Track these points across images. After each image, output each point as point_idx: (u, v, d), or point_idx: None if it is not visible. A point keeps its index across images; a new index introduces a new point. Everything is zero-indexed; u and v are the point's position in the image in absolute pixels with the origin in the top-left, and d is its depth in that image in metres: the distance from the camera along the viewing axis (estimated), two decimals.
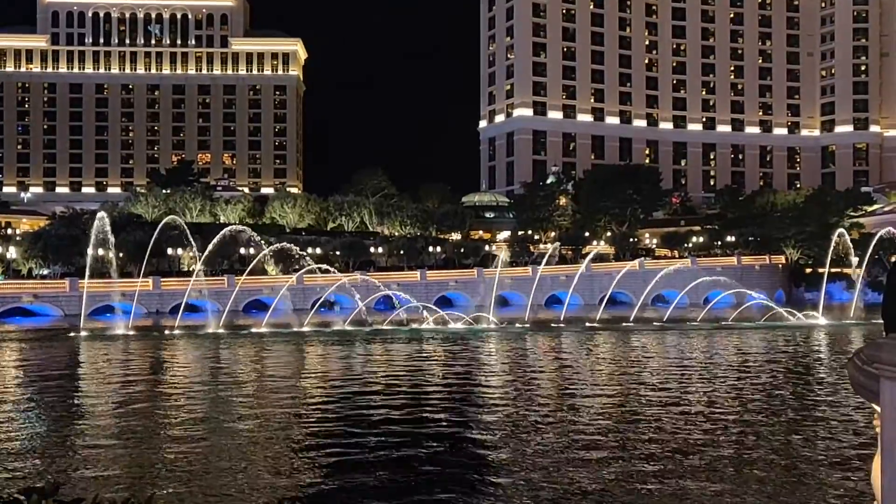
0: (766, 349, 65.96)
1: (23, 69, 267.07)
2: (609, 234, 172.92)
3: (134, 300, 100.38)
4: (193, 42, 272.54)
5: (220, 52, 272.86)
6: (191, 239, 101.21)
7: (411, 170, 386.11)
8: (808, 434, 31.04)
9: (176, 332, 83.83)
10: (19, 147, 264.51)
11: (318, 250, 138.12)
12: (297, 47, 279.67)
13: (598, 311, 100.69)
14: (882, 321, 4.42)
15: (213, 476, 25.11)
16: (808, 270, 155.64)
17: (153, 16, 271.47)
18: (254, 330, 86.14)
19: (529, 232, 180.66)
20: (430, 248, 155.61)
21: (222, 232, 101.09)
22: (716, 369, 52.79)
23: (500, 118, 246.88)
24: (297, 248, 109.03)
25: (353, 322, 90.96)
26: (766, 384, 45.57)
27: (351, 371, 53.40)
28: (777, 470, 25.57)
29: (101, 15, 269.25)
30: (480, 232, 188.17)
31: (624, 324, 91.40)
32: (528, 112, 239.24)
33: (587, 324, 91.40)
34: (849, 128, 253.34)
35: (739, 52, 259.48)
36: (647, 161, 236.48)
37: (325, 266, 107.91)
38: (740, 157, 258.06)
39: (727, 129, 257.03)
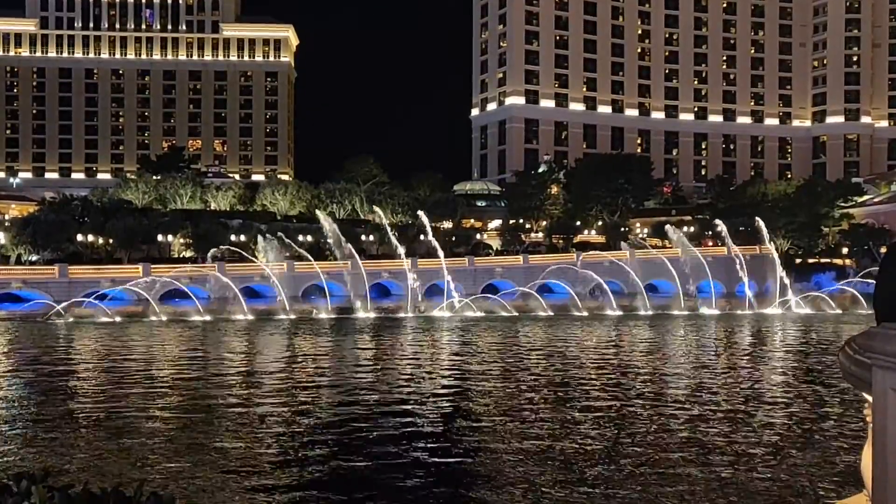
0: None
1: (11, 53, 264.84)
2: (600, 223, 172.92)
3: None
4: (184, 27, 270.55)
5: (211, 37, 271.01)
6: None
7: (403, 157, 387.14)
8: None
9: (163, 318, 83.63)
10: (8, 132, 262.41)
11: (310, 238, 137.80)
12: (288, 33, 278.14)
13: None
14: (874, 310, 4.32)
15: (201, 464, 25.00)
16: (798, 261, 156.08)
17: (143, 0, 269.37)
18: (240, 317, 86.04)
19: (521, 220, 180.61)
20: (422, 237, 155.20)
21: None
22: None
23: (492, 106, 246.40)
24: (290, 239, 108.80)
25: (341, 310, 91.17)
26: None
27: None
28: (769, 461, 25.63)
29: None
30: (472, 220, 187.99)
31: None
32: (520, 100, 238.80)
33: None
34: (840, 118, 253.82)
35: (732, 41, 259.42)
36: (639, 150, 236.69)
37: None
38: (732, 147, 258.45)
39: (719, 118, 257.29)
